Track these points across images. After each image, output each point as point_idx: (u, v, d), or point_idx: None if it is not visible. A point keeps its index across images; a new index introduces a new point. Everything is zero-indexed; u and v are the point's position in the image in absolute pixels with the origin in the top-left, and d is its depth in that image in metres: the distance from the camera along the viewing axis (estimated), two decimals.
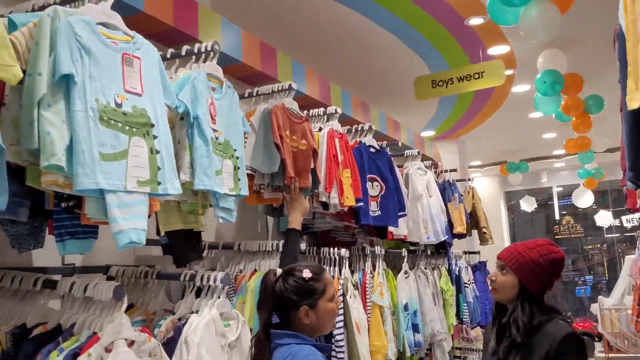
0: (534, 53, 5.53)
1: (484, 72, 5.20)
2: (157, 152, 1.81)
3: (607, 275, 12.74)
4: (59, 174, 1.56)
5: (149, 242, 2.69)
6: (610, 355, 7.49)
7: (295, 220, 2.72)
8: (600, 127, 6.66)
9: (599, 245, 13.07)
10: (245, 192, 2.38)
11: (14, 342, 1.75)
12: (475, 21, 5.01)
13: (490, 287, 2.31)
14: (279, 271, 2.06)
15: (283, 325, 2.00)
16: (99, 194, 1.62)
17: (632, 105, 1.48)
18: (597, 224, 11.96)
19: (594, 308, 7.98)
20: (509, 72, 5.98)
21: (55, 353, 1.60)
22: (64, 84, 1.58)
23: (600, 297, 9.58)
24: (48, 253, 2.16)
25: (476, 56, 5.60)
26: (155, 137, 1.81)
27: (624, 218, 11.48)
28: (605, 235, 12.83)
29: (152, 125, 1.81)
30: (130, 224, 1.67)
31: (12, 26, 1.59)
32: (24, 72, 1.51)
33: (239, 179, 2.36)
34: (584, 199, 10.41)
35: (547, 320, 2.14)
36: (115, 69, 1.73)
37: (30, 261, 2.23)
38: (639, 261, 3.55)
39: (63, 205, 1.76)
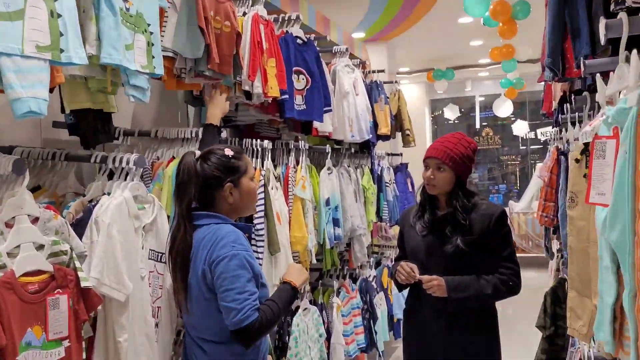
0: None
1: None
2: (59, 15, 1.64)
3: (519, 184, 13.54)
4: None
5: (57, 124, 2.55)
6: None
7: (213, 116, 2.63)
8: (525, 36, 6.77)
9: (514, 157, 13.81)
10: (160, 71, 2.24)
11: None
12: None
13: (428, 185, 2.51)
14: (198, 152, 2.00)
15: (203, 208, 1.96)
16: None
17: None
18: (514, 134, 12.52)
19: None
20: None
21: None
22: None
23: (510, 202, 10.21)
24: None
25: None
26: None
27: (538, 131, 12.06)
28: (520, 147, 13.51)
29: None
30: (29, 92, 1.53)
31: None
32: None
33: (153, 57, 2.21)
34: (504, 108, 10.79)
35: (477, 201, 2.50)
36: None
37: None
38: (548, 162, 3.76)
39: None
